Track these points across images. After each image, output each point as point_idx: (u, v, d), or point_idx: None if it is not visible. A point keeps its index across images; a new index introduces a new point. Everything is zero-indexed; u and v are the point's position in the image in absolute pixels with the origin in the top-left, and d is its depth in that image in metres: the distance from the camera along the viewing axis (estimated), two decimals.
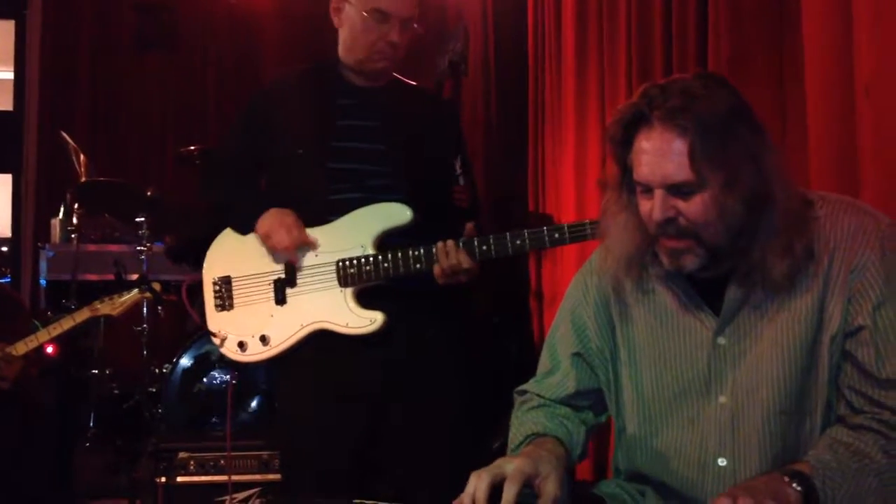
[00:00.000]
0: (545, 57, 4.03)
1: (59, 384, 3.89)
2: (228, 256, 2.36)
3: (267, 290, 2.29)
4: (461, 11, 4.72)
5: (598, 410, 1.61)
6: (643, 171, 1.38)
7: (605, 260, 1.53)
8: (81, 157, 4.27)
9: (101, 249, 4.38)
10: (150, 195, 3.86)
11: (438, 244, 2.14)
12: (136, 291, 3.05)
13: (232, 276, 2.33)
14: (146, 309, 3.85)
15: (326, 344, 2.22)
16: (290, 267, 2.26)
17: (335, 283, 2.23)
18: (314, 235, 2.25)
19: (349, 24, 2.28)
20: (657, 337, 1.50)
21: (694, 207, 1.36)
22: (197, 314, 2.39)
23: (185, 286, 2.37)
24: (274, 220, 2.24)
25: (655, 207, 1.38)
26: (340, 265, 2.22)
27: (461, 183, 2.43)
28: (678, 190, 1.36)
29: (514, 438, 1.56)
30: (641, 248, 1.47)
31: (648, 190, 1.39)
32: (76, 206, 4.14)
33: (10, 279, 4.98)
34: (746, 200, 1.35)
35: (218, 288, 2.34)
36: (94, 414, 3.85)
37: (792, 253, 1.37)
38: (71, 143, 4.31)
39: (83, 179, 4.19)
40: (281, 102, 2.35)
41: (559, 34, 3.88)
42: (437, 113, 2.49)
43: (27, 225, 5.18)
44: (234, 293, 2.33)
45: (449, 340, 2.35)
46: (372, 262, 2.19)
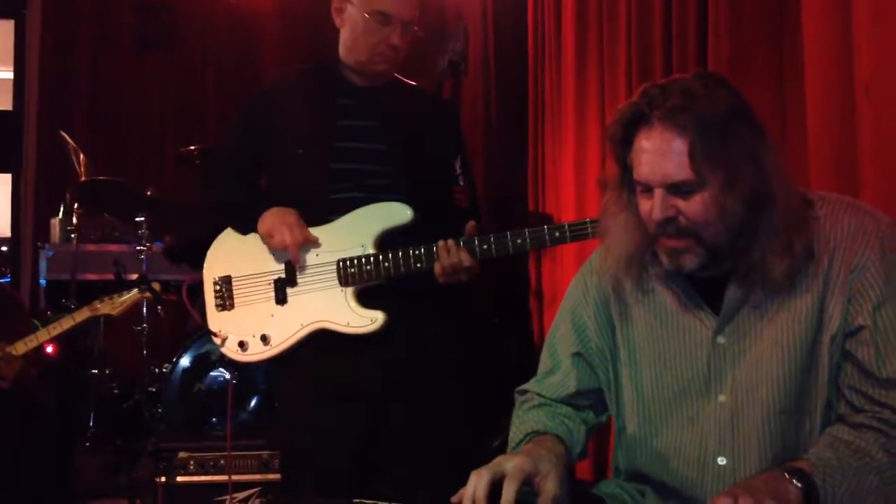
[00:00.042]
0: (545, 57, 4.03)
1: (58, 384, 3.89)
2: (229, 256, 2.36)
3: (267, 289, 2.29)
4: (461, 11, 4.72)
5: (598, 410, 1.61)
6: (643, 170, 1.38)
7: (604, 259, 1.53)
8: (81, 156, 4.27)
9: (100, 249, 4.37)
10: (149, 195, 3.86)
11: (439, 243, 2.14)
12: (135, 291, 3.05)
13: (232, 275, 2.33)
14: (146, 309, 3.84)
15: (327, 343, 2.22)
16: (290, 266, 2.26)
17: (336, 282, 2.23)
18: (315, 235, 2.25)
19: (350, 24, 2.28)
20: (657, 336, 1.50)
21: (694, 207, 1.36)
22: (198, 314, 2.39)
23: (185, 286, 2.37)
24: (275, 218, 2.24)
25: (655, 207, 1.38)
26: (341, 265, 2.22)
27: (461, 183, 2.42)
28: (678, 189, 1.36)
29: (514, 437, 1.57)
30: (641, 247, 1.47)
31: (648, 189, 1.40)
32: (76, 205, 4.14)
33: (9, 279, 4.98)
34: (746, 200, 1.35)
35: (218, 288, 2.34)
36: (93, 414, 3.84)
37: (792, 253, 1.37)
38: (71, 142, 4.30)
39: (83, 179, 4.19)
40: (281, 102, 2.35)
41: (559, 34, 3.88)
42: (436, 113, 2.49)
43: (27, 224, 5.17)
44: (234, 293, 2.33)
45: (449, 340, 2.35)
46: (372, 261, 2.19)
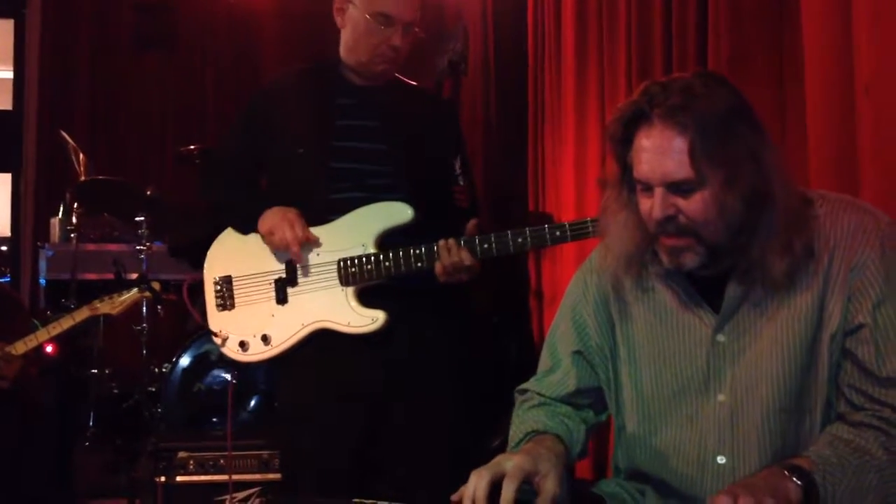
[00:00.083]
0: (545, 56, 4.03)
1: (58, 383, 3.89)
2: (229, 256, 2.36)
3: (268, 289, 2.29)
4: (460, 11, 4.72)
5: (598, 409, 1.61)
6: (643, 168, 1.39)
7: (604, 258, 1.53)
8: (81, 156, 4.27)
9: (100, 249, 4.37)
10: (149, 194, 3.86)
11: (440, 242, 2.14)
12: (135, 291, 3.05)
13: (233, 275, 2.33)
14: (145, 308, 3.85)
15: (327, 343, 2.22)
16: (291, 266, 2.26)
17: (336, 282, 2.23)
18: (315, 234, 2.25)
19: (352, 25, 2.28)
20: (657, 335, 1.50)
21: (694, 205, 1.36)
22: (198, 314, 2.39)
23: (186, 286, 2.37)
24: (276, 216, 2.24)
25: (655, 205, 1.38)
26: (341, 264, 2.22)
27: (461, 183, 2.42)
28: (678, 188, 1.36)
29: (514, 436, 1.56)
30: (641, 246, 1.47)
31: (648, 188, 1.40)
32: (76, 205, 4.14)
33: (9, 278, 4.98)
34: (746, 198, 1.35)
35: (219, 287, 2.34)
36: (93, 413, 3.84)
37: (791, 251, 1.37)
38: (70, 142, 4.30)
39: (82, 179, 4.19)
40: (281, 102, 2.35)
41: (559, 34, 3.88)
42: (436, 113, 2.49)
43: (27, 224, 5.17)
44: (235, 293, 2.33)
45: (450, 339, 2.35)
46: (373, 260, 2.19)
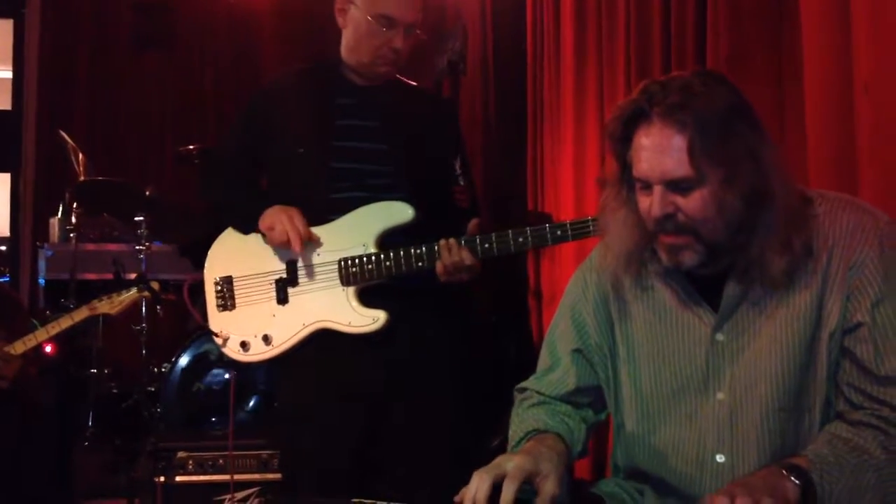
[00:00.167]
0: (544, 56, 4.03)
1: (57, 383, 3.89)
2: (230, 256, 2.36)
3: (269, 289, 2.29)
4: (460, 10, 4.72)
5: (597, 408, 1.61)
6: (642, 167, 1.39)
7: (604, 257, 1.53)
8: (80, 156, 4.27)
9: (99, 248, 4.37)
10: (148, 194, 3.86)
11: (441, 242, 2.14)
12: (134, 290, 3.04)
13: (234, 275, 2.33)
14: (145, 308, 3.84)
15: (328, 343, 2.22)
16: (291, 266, 2.26)
17: (337, 282, 2.22)
18: (316, 234, 2.25)
19: (353, 25, 2.28)
20: (656, 333, 1.51)
21: (693, 203, 1.36)
22: (199, 314, 2.39)
23: (186, 286, 2.37)
24: (277, 214, 2.23)
25: (654, 203, 1.38)
26: (342, 264, 2.22)
27: (461, 183, 2.42)
28: (677, 186, 1.37)
29: (514, 435, 1.56)
30: (640, 244, 1.47)
31: (648, 186, 1.40)
32: (75, 205, 4.14)
33: (8, 278, 4.98)
34: (745, 197, 1.35)
35: (220, 288, 2.34)
36: (92, 413, 3.84)
37: (790, 250, 1.38)
38: (70, 142, 4.30)
39: (82, 178, 4.19)
40: (281, 102, 2.35)
41: (558, 33, 3.88)
42: (436, 113, 2.49)
43: (26, 224, 5.17)
44: (235, 293, 2.33)
45: (450, 339, 2.35)
46: (374, 260, 2.19)
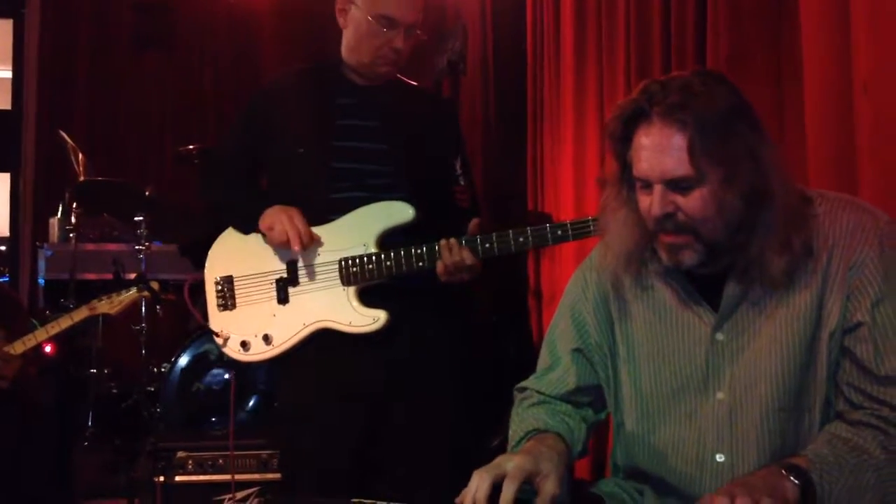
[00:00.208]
0: (544, 56, 4.03)
1: (57, 383, 3.89)
2: (230, 256, 2.36)
3: (269, 289, 2.28)
4: (460, 10, 4.72)
5: (597, 407, 1.61)
6: (642, 166, 1.39)
7: (604, 256, 1.53)
8: (80, 156, 4.27)
9: (99, 248, 4.37)
10: (148, 194, 3.86)
11: (441, 241, 2.14)
12: (134, 290, 3.04)
13: (234, 275, 2.33)
14: (144, 308, 3.85)
15: (328, 343, 2.22)
16: (292, 266, 2.26)
17: (338, 281, 2.22)
18: (317, 234, 2.25)
19: (354, 26, 2.27)
20: (656, 333, 1.51)
21: (693, 203, 1.37)
22: (199, 313, 2.39)
23: (187, 285, 2.37)
24: (277, 214, 2.23)
25: (654, 202, 1.38)
26: (343, 264, 2.22)
27: (461, 183, 2.42)
28: (677, 185, 1.37)
29: (514, 435, 1.56)
30: (640, 244, 1.47)
31: (648, 185, 1.40)
32: (75, 205, 4.14)
33: (8, 278, 4.98)
34: (745, 196, 1.35)
35: (220, 287, 2.34)
36: (92, 413, 3.84)
37: (790, 249, 1.38)
38: (69, 142, 4.30)
39: (82, 178, 4.19)
40: (281, 102, 2.35)
41: (558, 33, 3.88)
42: (436, 113, 2.49)
43: (26, 224, 5.17)
44: (236, 293, 2.33)
45: (451, 339, 2.35)
46: (374, 260, 2.19)
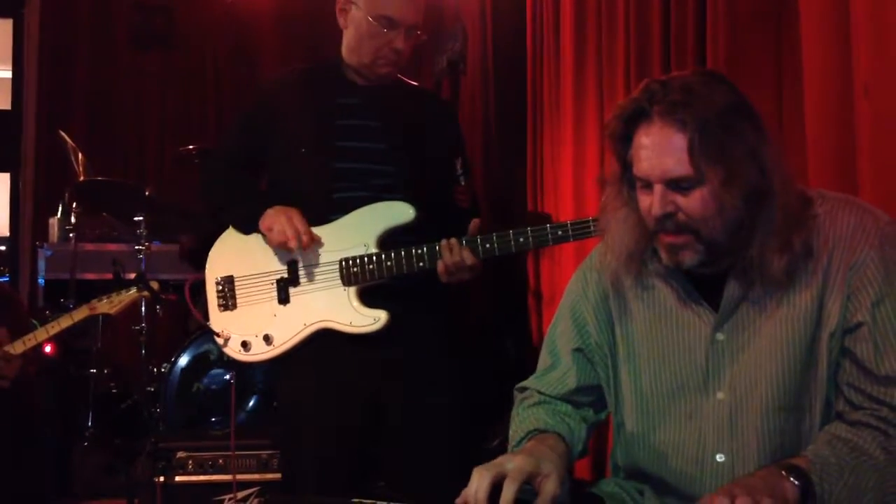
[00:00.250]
0: (543, 56, 4.03)
1: (57, 383, 3.89)
2: (231, 256, 2.36)
3: (270, 289, 2.29)
4: (459, 11, 4.72)
5: (598, 407, 1.61)
6: (643, 166, 1.39)
7: (604, 256, 1.53)
8: (80, 156, 4.27)
9: (99, 248, 4.38)
10: (148, 194, 3.86)
11: (442, 242, 2.14)
12: (133, 290, 3.04)
13: (235, 275, 2.33)
14: (144, 308, 3.84)
15: (329, 343, 2.22)
16: (292, 266, 2.26)
17: (338, 281, 2.23)
18: (317, 234, 2.25)
19: (355, 26, 2.28)
20: (656, 332, 1.51)
21: (693, 202, 1.37)
22: (200, 314, 2.39)
23: (188, 285, 2.37)
24: (276, 215, 2.23)
25: (655, 202, 1.38)
26: (343, 264, 2.22)
27: (462, 183, 2.43)
28: (677, 185, 1.37)
29: (514, 435, 1.56)
30: (641, 243, 1.47)
31: (648, 185, 1.40)
32: (74, 205, 4.14)
33: (8, 278, 4.97)
34: (745, 196, 1.35)
35: (221, 287, 2.34)
36: (92, 413, 3.84)
37: (790, 249, 1.38)
38: (69, 142, 4.30)
39: (81, 178, 4.19)
40: (282, 102, 2.35)
41: (558, 33, 3.88)
42: (437, 113, 2.49)
43: (25, 224, 5.17)
44: (237, 293, 2.33)
45: (451, 339, 2.36)
46: (375, 260, 2.19)
